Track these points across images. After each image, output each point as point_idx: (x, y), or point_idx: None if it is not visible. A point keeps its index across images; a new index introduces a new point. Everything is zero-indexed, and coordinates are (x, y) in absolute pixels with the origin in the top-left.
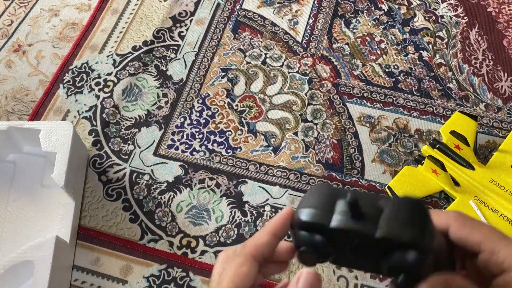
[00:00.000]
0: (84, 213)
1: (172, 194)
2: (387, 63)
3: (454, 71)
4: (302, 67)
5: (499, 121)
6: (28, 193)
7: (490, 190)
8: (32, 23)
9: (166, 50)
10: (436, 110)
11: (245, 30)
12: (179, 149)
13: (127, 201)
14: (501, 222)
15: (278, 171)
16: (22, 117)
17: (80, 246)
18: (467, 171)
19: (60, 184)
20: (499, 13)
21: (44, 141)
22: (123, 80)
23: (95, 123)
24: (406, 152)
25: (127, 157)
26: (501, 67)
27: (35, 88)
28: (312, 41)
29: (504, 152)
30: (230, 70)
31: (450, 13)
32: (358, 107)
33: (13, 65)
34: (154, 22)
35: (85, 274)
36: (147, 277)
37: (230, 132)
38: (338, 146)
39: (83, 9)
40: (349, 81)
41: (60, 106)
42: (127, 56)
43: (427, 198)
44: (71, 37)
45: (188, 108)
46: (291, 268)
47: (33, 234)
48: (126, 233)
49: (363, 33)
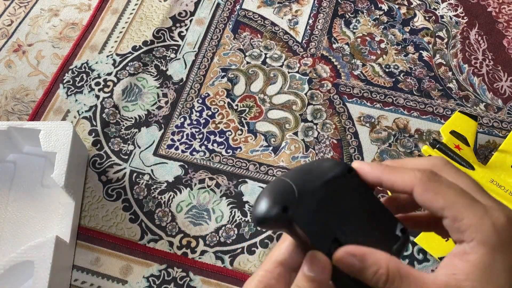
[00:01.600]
0: (84, 213)
1: (172, 194)
2: (387, 63)
3: (454, 71)
4: (302, 67)
5: (499, 121)
6: (28, 193)
7: (490, 190)
8: (32, 23)
9: (166, 50)
10: (436, 110)
11: (245, 30)
12: (179, 149)
13: (127, 201)
14: None
15: (278, 171)
16: (22, 117)
17: (80, 246)
18: (467, 171)
19: (60, 184)
20: (499, 13)
21: (44, 141)
22: (123, 80)
23: (95, 123)
24: (406, 152)
25: (127, 157)
26: (501, 67)
27: (35, 88)
28: (312, 41)
29: (504, 152)
30: (230, 70)
31: (450, 13)
32: (358, 107)
33: (13, 65)
34: (154, 22)
35: (85, 274)
36: (147, 277)
37: (230, 132)
38: (338, 146)
39: (83, 9)
40: (349, 81)
41: (60, 106)
42: (127, 56)
43: None
44: (71, 37)
45: (188, 108)
46: None
47: (33, 234)
48: (126, 233)
49: (363, 33)
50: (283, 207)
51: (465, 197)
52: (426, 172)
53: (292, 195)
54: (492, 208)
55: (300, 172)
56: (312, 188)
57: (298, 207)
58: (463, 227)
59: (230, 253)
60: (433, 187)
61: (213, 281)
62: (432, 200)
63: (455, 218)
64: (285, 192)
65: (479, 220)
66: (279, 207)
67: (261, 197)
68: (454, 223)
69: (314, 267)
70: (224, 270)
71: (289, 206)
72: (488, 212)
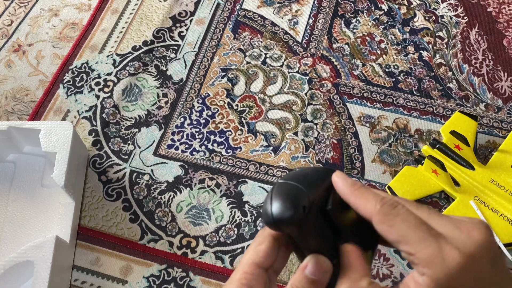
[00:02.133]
0: (84, 213)
1: (172, 194)
2: (387, 63)
3: (454, 71)
4: (302, 67)
5: (499, 121)
6: (28, 193)
7: (490, 190)
8: (32, 23)
9: (166, 50)
10: (436, 110)
11: (245, 30)
12: (179, 149)
13: (127, 201)
14: (501, 222)
15: (278, 171)
16: (22, 117)
17: (80, 246)
18: (467, 171)
19: (60, 184)
20: (499, 13)
21: (44, 141)
22: (123, 80)
23: (95, 123)
24: (406, 152)
25: (127, 157)
26: (501, 67)
27: (35, 88)
28: (312, 41)
29: (504, 152)
30: (230, 70)
31: (450, 13)
32: (358, 107)
33: (13, 65)
34: (154, 22)
35: (85, 274)
36: (147, 277)
37: (230, 132)
38: (338, 146)
39: (83, 9)
40: (349, 81)
41: (60, 106)
42: (127, 56)
43: (427, 198)
44: (71, 37)
45: (188, 108)
46: (291, 268)
47: (33, 234)
48: (126, 233)
49: (363, 33)
50: (303, 207)
51: (420, 230)
52: (387, 204)
53: (306, 197)
54: (448, 240)
55: (302, 177)
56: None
57: (311, 209)
58: (416, 261)
59: (230, 253)
60: (388, 219)
61: (213, 281)
62: (387, 233)
63: (408, 252)
64: (299, 195)
65: (429, 256)
66: (299, 207)
67: (276, 199)
68: (408, 256)
69: (317, 272)
70: (224, 270)
71: (306, 207)
72: (441, 248)
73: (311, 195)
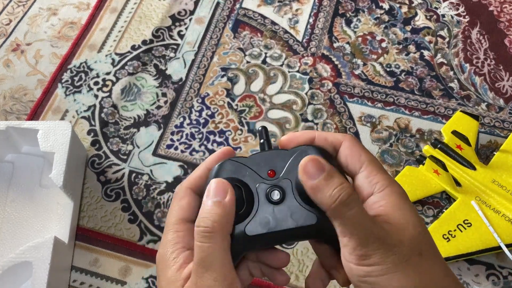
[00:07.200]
0: (82, 214)
1: (171, 195)
2: (388, 62)
3: (455, 70)
4: (302, 66)
5: (501, 120)
6: (26, 193)
7: (491, 191)
8: (30, 22)
9: (166, 49)
10: (438, 109)
11: (245, 29)
12: (178, 149)
13: (126, 202)
14: (502, 222)
15: None
16: (21, 116)
17: (79, 246)
18: (469, 171)
19: (59, 184)
20: (500, 12)
21: (43, 141)
22: (122, 80)
23: (93, 123)
24: (407, 152)
25: (126, 157)
26: (503, 67)
27: (34, 87)
28: (313, 40)
29: (505, 152)
30: (230, 70)
31: (452, 12)
32: (359, 107)
33: (11, 65)
34: (153, 21)
35: (84, 275)
36: (146, 278)
37: (230, 132)
38: None
39: (81, 8)
40: (350, 80)
41: (59, 105)
42: (126, 55)
43: (428, 199)
44: (69, 36)
45: (188, 107)
46: (291, 269)
47: (31, 234)
48: (125, 234)
49: (364, 32)
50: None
51: (377, 160)
52: (351, 136)
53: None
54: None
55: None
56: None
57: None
58: (376, 180)
59: None
60: (358, 144)
61: None
62: (357, 154)
63: (370, 172)
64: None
65: (388, 178)
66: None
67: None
68: (368, 176)
69: (217, 192)
70: None
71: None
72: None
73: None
